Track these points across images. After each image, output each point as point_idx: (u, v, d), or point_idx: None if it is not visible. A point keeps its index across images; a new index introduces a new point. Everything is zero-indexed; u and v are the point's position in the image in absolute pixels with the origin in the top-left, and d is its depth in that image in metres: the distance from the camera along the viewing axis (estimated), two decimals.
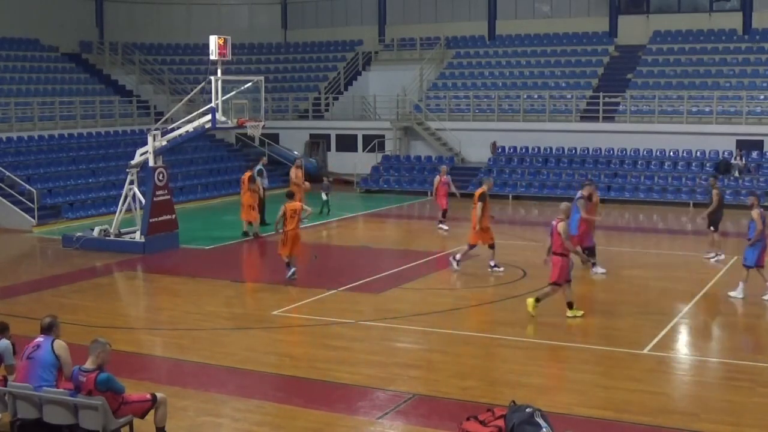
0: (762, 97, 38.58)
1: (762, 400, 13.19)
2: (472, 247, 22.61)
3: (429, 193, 36.80)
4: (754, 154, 36.82)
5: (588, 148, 39.42)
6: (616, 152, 38.89)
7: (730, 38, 42.85)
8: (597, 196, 23.37)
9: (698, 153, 37.59)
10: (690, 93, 39.43)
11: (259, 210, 28.97)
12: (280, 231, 21.16)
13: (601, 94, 40.35)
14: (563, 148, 39.83)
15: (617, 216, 33.16)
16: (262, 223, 29.23)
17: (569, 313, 17.67)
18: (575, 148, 39.61)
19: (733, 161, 36.14)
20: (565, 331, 16.86)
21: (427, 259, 24.33)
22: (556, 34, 46.28)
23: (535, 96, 42.43)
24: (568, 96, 41.82)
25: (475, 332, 16.95)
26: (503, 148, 40.85)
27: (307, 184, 30.91)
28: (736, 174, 35.61)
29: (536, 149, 40.30)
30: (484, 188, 22.80)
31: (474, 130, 41.75)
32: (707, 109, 38.68)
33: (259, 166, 31.28)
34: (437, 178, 30.45)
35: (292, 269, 21.23)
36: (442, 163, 41.07)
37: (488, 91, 43.54)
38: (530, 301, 17.77)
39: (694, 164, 37.35)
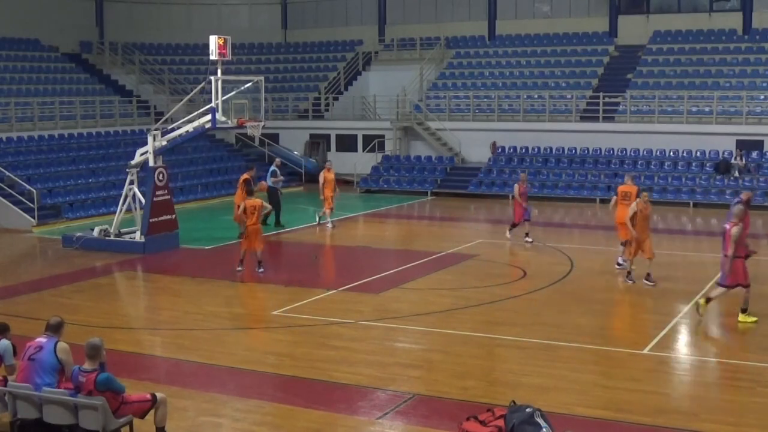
0: (762, 97, 38.58)
1: (762, 400, 13.18)
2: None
3: (425, 194, 36.83)
4: (754, 154, 36.82)
5: (588, 148, 39.42)
6: (616, 152, 38.90)
7: (730, 38, 42.84)
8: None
9: (698, 153, 37.59)
10: (690, 93, 39.42)
11: (275, 211, 29.44)
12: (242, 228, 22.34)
13: (601, 94, 40.35)
14: (563, 148, 39.84)
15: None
16: (277, 224, 29.87)
17: (741, 317, 17.33)
18: (575, 148, 39.62)
19: (733, 161, 36.14)
20: (564, 331, 16.85)
21: (427, 259, 24.32)
22: (556, 34, 46.29)
23: (535, 96, 42.43)
24: (568, 96, 41.82)
25: (475, 332, 16.94)
26: (503, 148, 40.85)
27: (337, 189, 30.73)
28: (736, 174, 35.61)
29: (536, 149, 40.31)
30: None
31: (474, 130, 41.75)
32: (707, 109, 38.68)
33: (272, 167, 31.40)
34: (517, 187, 27.08)
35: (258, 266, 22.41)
36: (441, 162, 41.21)
37: (488, 91, 43.54)
38: (702, 302, 17.50)
39: (694, 164, 37.36)
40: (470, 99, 43.09)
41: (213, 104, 24.40)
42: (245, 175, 28.04)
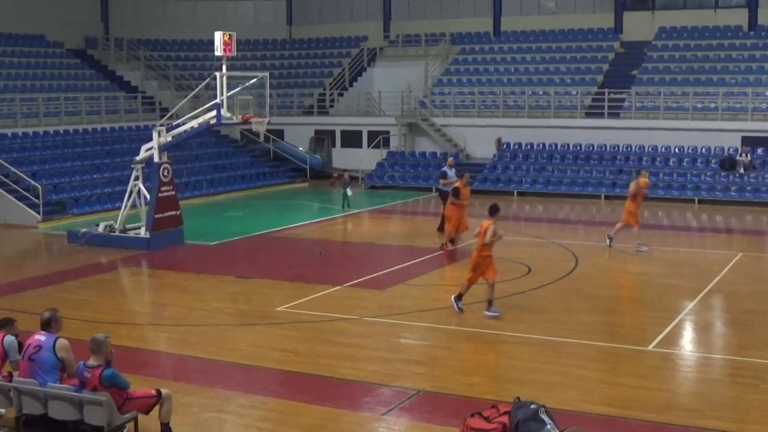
0: (767, 93, 38.51)
1: (767, 396, 13.17)
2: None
3: (430, 190, 36.69)
4: (760, 150, 36.73)
5: (593, 145, 39.37)
6: (621, 148, 38.85)
7: (735, 34, 42.76)
8: None
9: (703, 149, 37.53)
10: (695, 89, 39.34)
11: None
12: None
13: (606, 91, 40.29)
14: (568, 145, 39.79)
15: (620, 213, 33.08)
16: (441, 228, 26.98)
17: None
18: (580, 145, 39.57)
19: (738, 158, 36.08)
20: (569, 327, 16.85)
21: (432, 255, 24.33)
22: (561, 30, 46.21)
23: (540, 92, 42.39)
24: (573, 92, 41.77)
25: (479, 329, 16.94)
26: (508, 144, 40.82)
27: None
28: (742, 171, 35.54)
29: (541, 145, 40.27)
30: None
31: (479, 126, 41.71)
32: (713, 105, 38.61)
33: (444, 168, 28.44)
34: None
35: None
36: (447, 157, 41.09)
37: (493, 87, 43.50)
38: None
39: (699, 161, 37.30)
40: (475, 95, 43.05)
41: (218, 100, 24.43)
42: (458, 182, 25.38)
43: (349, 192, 33.09)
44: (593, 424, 12.11)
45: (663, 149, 38.15)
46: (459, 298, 17.94)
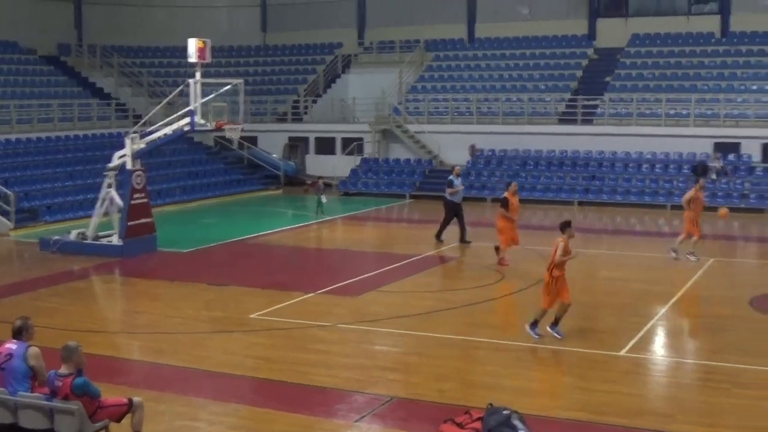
0: (739, 99, 38.84)
1: (738, 401, 13.25)
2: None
3: (404, 197, 36.76)
4: (731, 156, 37.03)
5: (567, 151, 39.55)
6: (594, 155, 39.05)
7: (708, 41, 43.11)
8: None
9: (676, 155, 37.80)
10: (668, 95, 39.63)
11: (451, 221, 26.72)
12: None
13: (579, 97, 40.51)
14: (542, 151, 39.96)
15: (595, 218, 33.33)
16: (462, 240, 26.79)
17: None
18: (554, 151, 39.74)
19: (710, 164, 36.33)
20: (542, 333, 16.87)
21: (406, 261, 24.33)
22: (535, 36, 46.42)
23: (514, 99, 42.53)
24: (547, 98, 41.96)
25: (453, 335, 16.96)
26: (482, 150, 40.93)
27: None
28: (714, 176, 35.79)
29: (515, 152, 40.41)
30: None
31: (453, 132, 41.78)
32: (685, 111, 38.89)
33: (451, 176, 27.63)
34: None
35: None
36: (420, 165, 41.23)
37: (467, 94, 43.62)
38: None
39: (671, 166, 37.55)
40: (449, 102, 43.15)
41: (192, 107, 24.36)
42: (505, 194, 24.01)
43: (323, 199, 33.06)
44: (566, 429, 12.17)
45: (636, 155, 38.38)
46: (535, 324, 16.41)
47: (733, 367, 14.82)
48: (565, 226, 16.54)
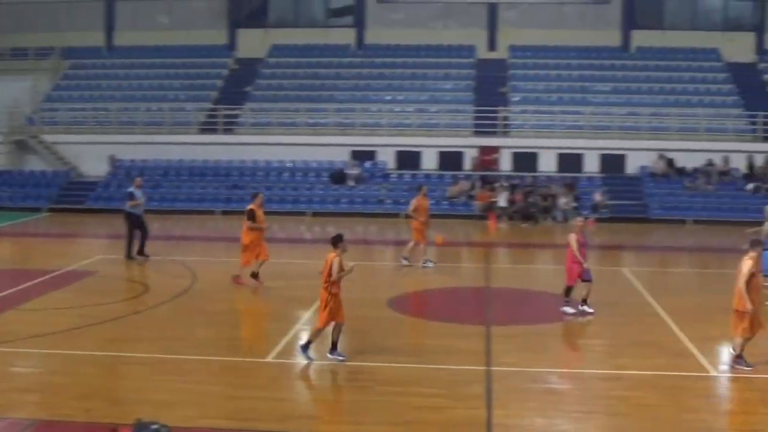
0: (374, 109, 40.70)
1: (380, 397, 13.76)
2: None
3: (41, 211, 35.20)
4: (368, 163, 38.69)
5: (209, 160, 39.59)
6: (236, 164, 39.36)
7: (344, 53, 44.79)
8: None
9: (315, 163, 38.92)
10: (307, 105, 40.77)
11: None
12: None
13: (220, 107, 40.69)
14: (184, 161, 39.75)
15: (237, 228, 33.50)
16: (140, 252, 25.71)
17: None
18: (196, 161, 39.65)
19: (347, 171, 37.75)
20: (188, 344, 16.71)
21: (45, 277, 23.21)
22: (175, 46, 46.02)
23: (155, 108, 41.96)
24: (188, 108, 41.77)
25: (98, 351, 16.35)
26: (121, 161, 40.04)
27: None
28: (352, 183, 37.21)
29: (156, 162, 39.86)
30: None
31: (92, 143, 40.49)
32: (323, 120, 40.17)
33: (131, 189, 26.52)
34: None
35: None
36: (58, 177, 39.56)
37: (106, 103, 42.48)
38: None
39: (311, 174, 38.63)
40: (88, 111, 41.84)
41: None
42: (251, 206, 22.40)
43: None
44: None
45: (277, 164, 39.13)
46: (307, 346, 15.56)
47: (374, 366, 15.39)
48: (337, 241, 15.60)
